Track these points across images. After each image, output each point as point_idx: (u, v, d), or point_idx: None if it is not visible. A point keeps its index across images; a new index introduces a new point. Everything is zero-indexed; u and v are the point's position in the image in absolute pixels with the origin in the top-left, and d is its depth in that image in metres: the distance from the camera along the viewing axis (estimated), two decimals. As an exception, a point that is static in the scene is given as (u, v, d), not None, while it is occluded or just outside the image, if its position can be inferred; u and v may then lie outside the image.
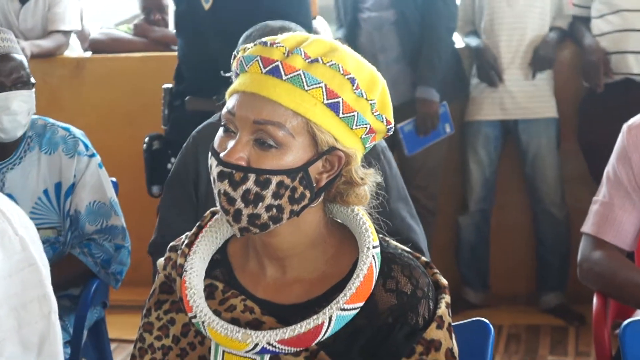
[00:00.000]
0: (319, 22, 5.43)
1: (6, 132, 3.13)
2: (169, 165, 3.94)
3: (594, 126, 4.72)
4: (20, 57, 3.13)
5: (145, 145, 4.13)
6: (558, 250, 4.95)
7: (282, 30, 2.73)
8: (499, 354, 4.58)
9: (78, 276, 3.25)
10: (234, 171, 1.66)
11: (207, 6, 3.83)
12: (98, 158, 3.32)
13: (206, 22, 3.86)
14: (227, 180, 1.67)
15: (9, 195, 3.10)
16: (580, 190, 4.88)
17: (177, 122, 4.02)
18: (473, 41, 5.00)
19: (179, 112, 4.03)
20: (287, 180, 1.67)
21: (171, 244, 1.89)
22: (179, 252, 1.83)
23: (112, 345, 3.84)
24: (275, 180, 1.66)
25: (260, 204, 1.67)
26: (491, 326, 2.13)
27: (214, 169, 1.69)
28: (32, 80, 3.16)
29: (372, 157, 1.76)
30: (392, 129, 1.76)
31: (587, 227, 2.82)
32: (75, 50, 6.02)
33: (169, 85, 4.15)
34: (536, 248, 5.08)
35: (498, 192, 5.08)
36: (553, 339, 4.73)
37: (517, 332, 4.82)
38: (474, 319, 2.15)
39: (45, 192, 3.25)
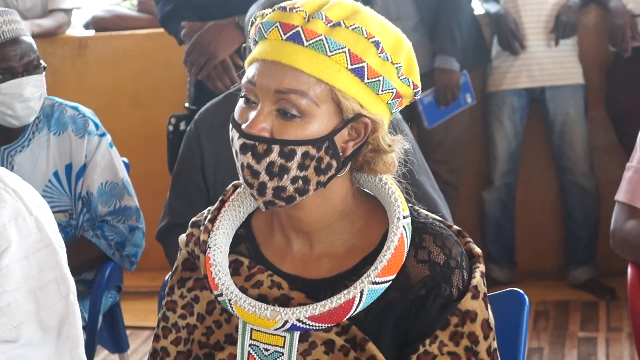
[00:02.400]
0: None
1: (19, 119, 3.07)
2: None
3: (622, 92, 4.68)
4: (28, 39, 3.06)
5: (171, 126, 3.95)
6: (587, 223, 4.89)
7: None
8: (528, 331, 4.46)
9: (92, 260, 3.22)
10: (256, 143, 1.62)
11: None
12: (109, 137, 3.28)
13: None
14: (250, 153, 1.63)
15: (18, 180, 3.01)
16: (609, 160, 4.88)
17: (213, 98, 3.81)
18: (493, 7, 4.92)
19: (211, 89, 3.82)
20: (313, 151, 1.63)
21: (193, 219, 1.86)
22: (202, 228, 1.80)
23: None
24: (300, 151, 1.62)
25: (286, 176, 1.63)
26: (526, 296, 2.09)
27: (236, 141, 1.65)
28: (43, 63, 3.10)
29: None
30: (420, 93, 1.72)
31: (620, 194, 2.76)
32: (77, 29, 5.92)
33: None
34: (564, 221, 5.02)
35: (522, 165, 5.03)
36: (583, 315, 4.68)
37: (546, 308, 4.77)
38: (508, 289, 2.13)
39: (56, 174, 3.19)
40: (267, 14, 1.66)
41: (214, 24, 3.66)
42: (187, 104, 3.93)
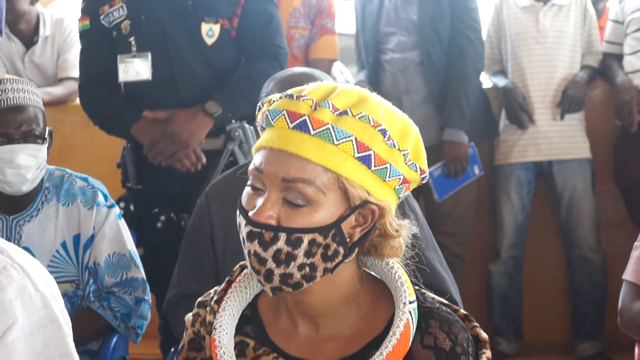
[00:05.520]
0: (337, 67, 5.31)
1: (10, 185, 3.04)
2: (159, 225, 3.75)
3: (631, 167, 4.68)
4: (36, 110, 3.04)
5: (121, 210, 3.90)
6: (594, 297, 4.86)
7: (303, 77, 2.67)
8: (535, 406, 4.47)
9: (97, 330, 3.21)
10: (263, 231, 1.62)
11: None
12: (117, 209, 3.27)
13: None
14: (257, 241, 1.63)
15: (26, 249, 3.07)
16: (617, 234, 4.85)
17: (161, 176, 3.78)
18: (501, 81, 4.94)
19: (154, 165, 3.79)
20: (320, 238, 1.63)
21: (199, 299, 1.86)
22: (208, 308, 1.80)
23: (132, 403, 3.70)
24: (307, 238, 1.62)
25: (293, 263, 1.63)
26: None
27: (243, 228, 1.65)
28: (48, 135, 3.09)
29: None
30: (427, 178, 1.72)
31: (628, 274, 2.75)
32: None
33: (127, 144, 3.94)
34: (571, 295, 4.99)
35: (529, 238, 5.01)
36: (591, 390, 4.63)
37: (553, 382, 4.72)
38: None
39: (64, 244, 3.18)
40: (274, 101, 1.66)
41: (181, 114, 3.67)
42: (129, 184, 3.88)
